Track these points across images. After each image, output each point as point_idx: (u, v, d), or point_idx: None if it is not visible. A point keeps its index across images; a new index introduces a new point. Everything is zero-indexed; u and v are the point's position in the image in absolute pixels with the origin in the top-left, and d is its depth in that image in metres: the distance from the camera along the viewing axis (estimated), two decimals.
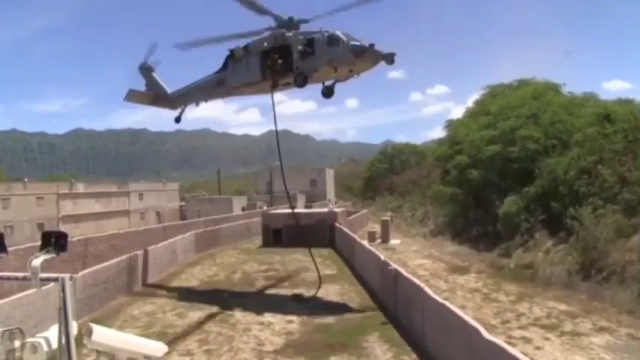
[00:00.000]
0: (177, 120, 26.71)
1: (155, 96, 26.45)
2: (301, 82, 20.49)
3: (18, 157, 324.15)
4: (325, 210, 42.50)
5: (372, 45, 19.07)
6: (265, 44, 21.19)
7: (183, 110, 26.30)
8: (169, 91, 26.32)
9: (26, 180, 59.94)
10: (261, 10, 20.66)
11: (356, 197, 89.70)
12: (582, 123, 28.98)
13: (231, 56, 22.65)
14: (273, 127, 22.48)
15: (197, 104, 25.62)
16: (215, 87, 23.72)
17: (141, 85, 26.75)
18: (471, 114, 42.12)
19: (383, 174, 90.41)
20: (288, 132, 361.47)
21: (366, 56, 19.17)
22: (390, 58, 18.98)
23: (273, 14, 20.92)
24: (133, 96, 26.00)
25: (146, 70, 26.59)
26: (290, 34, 20.55)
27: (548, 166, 27.60)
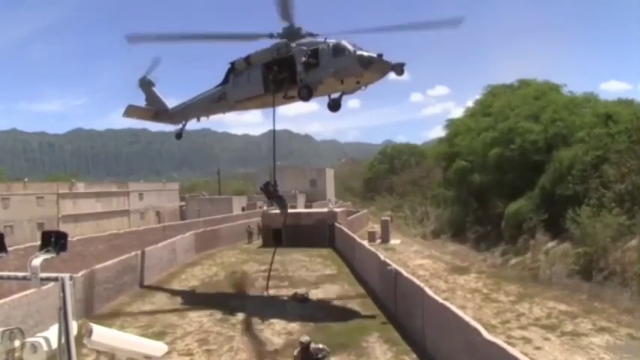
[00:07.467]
0: (179, 136, 26.17)
1: (155, 112, 25.90)
2: (306, 95, 19.58)
3: (18, 157, 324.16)
4: (325, 210, 42.48)
5: (380, 55, 17.97)
6: (268, 56, 20.42)
7: (184, 126, 25.74)
8: (169, 106, 25.76)
9: (26, 180, 59.84)
10: (287, 16, 19.32)
11: (356, 197, 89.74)
12: (584, 122, 29.00)
13: (232, 69, 21.90)
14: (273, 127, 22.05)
15: (198, 119, 24.90)
16: (216, 102, 22.96)
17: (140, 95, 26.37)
18: (471, 113, 42.12)
19: (383, 174, 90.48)
20: (289, 132, 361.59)
21: (373, 67, 18.05)
22: (399, 69, 17.85)
23: (292, 23, 19.66)
24: (132, 112, 25.47)
25: (146, 84, 26.09)
26: (293, 44, 19.74)
27: (556, 161, 27.39)
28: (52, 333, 4.07)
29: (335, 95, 20.80)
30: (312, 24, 20.16)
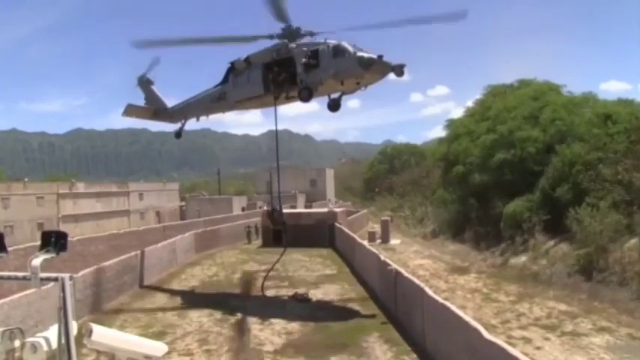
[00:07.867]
0: (178, 135, 26.06)
1: (155, 111, 25.82)
2: (306, 96, 19.51)
3: (18, 157, 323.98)
4: (325, 210, 42.49)
5: (380, 56, 17.94)
6: (267, 56, 20.34)
7: (183, 125, 25.64)
8: (169, 104, 25.68)
9: (26, 180, 59.85)
10: (281, 16, 19.21)
11: (356, 197, 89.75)
12: (584, 122, 28.95)
13: (232, 69, 21.85)
14: (273, 127, 22.06)
15: (197, 119, 24.79)
16: (215, 101, 22.92)
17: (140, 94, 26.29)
18: (471, 113, 42.05)
19: (383, 174, 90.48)
20: (289, 132, 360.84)
21: (374, 68, 18.03)
22: (399, 70, 17.85)
23: (288, 23, 19.59)
24: (131, 111, 25.35)
25: (145, 83, 25.99)
26: (293, 45, 19.66)
27: (557, 160, 27.33)
28: (52, 333, 4.07)
29: (335, 95, 20.71)
30: (311, 22, 20.20)
